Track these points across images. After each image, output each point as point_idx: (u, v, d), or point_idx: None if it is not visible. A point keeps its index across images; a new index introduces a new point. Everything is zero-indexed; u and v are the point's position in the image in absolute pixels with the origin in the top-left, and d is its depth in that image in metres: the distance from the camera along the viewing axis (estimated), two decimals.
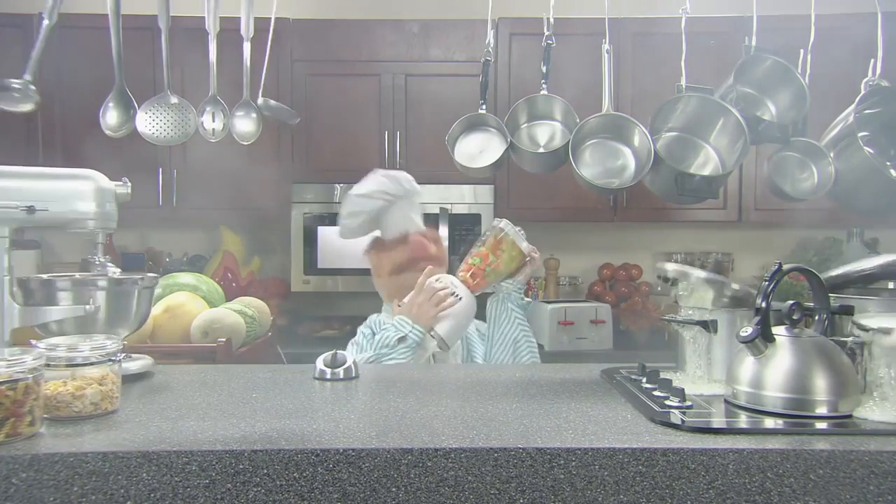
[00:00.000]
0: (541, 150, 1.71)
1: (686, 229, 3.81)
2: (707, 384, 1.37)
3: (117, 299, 1.51)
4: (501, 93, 3.42)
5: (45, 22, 1.56)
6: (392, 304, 2.05)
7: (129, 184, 1.55)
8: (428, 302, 1.85)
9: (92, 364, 1.20)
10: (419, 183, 2.02)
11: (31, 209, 1.41)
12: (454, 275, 1.94)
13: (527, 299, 2.10)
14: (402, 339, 1.80)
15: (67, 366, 1.19)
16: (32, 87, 1.59)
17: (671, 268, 1.49)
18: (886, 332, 1.17)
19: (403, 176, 2.05)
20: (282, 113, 1.85)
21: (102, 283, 1.48)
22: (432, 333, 1.83)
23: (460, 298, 1.87)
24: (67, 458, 1.01)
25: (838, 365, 1.19)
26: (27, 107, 1.59)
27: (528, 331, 2.04)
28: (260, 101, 1.78)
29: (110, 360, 1.23)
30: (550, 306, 3.29)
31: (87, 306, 1.43)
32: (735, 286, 1.40)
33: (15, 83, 1.57)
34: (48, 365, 1.17)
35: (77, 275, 1.57)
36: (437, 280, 1.89)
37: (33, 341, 1.24)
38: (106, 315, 1.48)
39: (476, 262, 1.93)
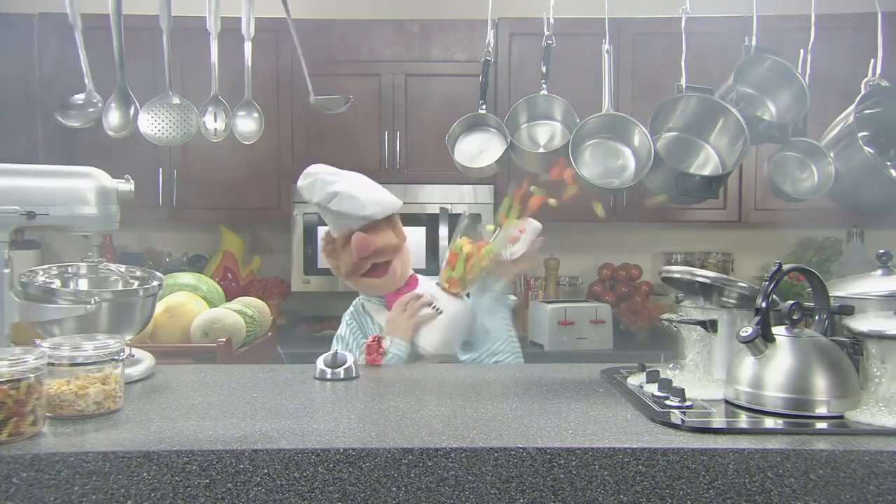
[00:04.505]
0: (541, 150, 1.71)
1: (686, 229, 3.80)
2: (707, 384, 1.37)
3: (121, 305, 1.51)
4: (501, 93, 3.42)
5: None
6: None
7: (132, 181, 1.55)
8: (401, 315, 1.85)
9: (95, 363, 1.20)
10: (419, 183, 2.02)
11: (31, 214, 1.40)
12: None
13: (512, 297, 2.02)
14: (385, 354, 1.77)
15: (70, 365, 1.19)
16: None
17: (676, 269, 1.49)
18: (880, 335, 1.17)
19: (325, 172, 1.95)
20: (331, 103, 1.82)
21: (107, 295, 1.48)
22: (419, 347, 1.84)
23: (440, 311, 1.85)
24: (68, 457, 1.01)
25: (838, 365, 1.19)
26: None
27: (511, 329, 1.97)
28: (312, 99, 1.77)
29: (113, 359, 1.23)
30: (550, 306, 3.29)
31: (88, 305, 1.43)
32: (742, 284, 1.40)
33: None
34: (52, 364, 1.17)
35: (83, 264, 1.56)
36: (415, 296, 1.87)
37: (37, 340, 1.24)
38: (108, 323, 1.47)
39: (449, 272, 1.88)
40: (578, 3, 2.21)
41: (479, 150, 1.71)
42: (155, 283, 1.60)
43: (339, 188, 1.89)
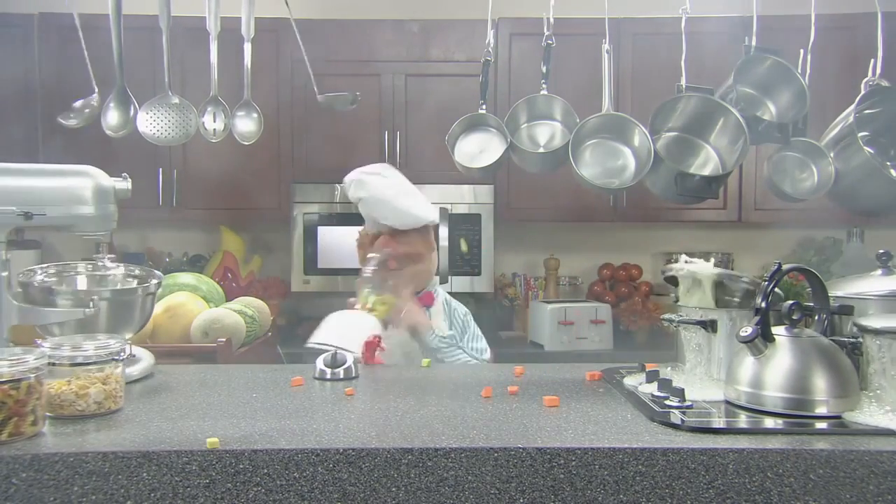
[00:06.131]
0: (541, 150, 1.71)
1: (686, 229, 3.80)
2: (707, 384, 1.37)
3: (120, 304, 1.51)
4: (501, 93, 3.42)
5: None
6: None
7: (129, 179, 1.55)
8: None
9: (95, 363, 1.20)
10: (419, 183, 2.02)
11: (28, 215, 1.40)
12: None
13: (439, 335, 2.00)
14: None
15: (71, 365, 1.19)
16: None
17: (678, 266, 1.49)
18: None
19: (384, 172, 2.07)
20: (340, 101, 1.84)
21: (106, 294, 1.48)
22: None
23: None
24: (68, 457, 1.01)
25: (838, 365, 1.19)
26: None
27: (457, 355, 2.01)
28: (319, 97, 1.78)
29: (113, 359, 1.23)
30: (550, 306, 3.29)
31: (87, 309, 1.42)
32: (746, 279, 1.40)
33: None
34: (52, 364, 1.17)
35: (82, 264, 1.56)
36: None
37: (37, 340, 1.24)
38: (108, 322, 1.47)
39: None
40: (578, 3, 2.21)
41: (479, 150, 1.71)
42: (154, 281, 1.60)
43: (367, 193, 2.00)
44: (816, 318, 1.29)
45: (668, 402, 1.24)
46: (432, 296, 2.12)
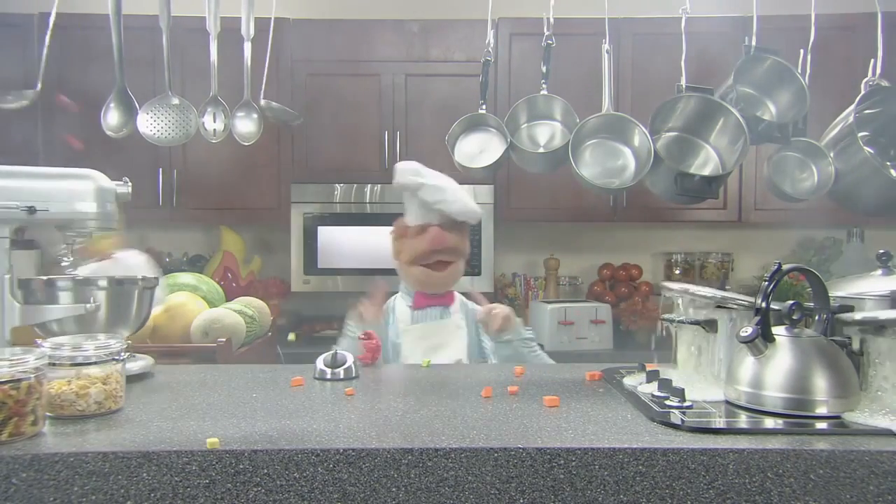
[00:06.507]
0: (541, 150, 1.71)
1: (686, 229, 3.80)
2: (707, 384, 1.37)
3: (118, 300, 1.51)
4: (501, 93, 3.42)
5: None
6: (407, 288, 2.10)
7: (130, 183, 1.56)
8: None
9: (95, 363, 1.20)
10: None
11: (31, 209, 1.41)
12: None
13: (525, 335, 2.05)
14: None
15: (71, 365, 1.19)
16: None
17: (675, 287, 1.49)
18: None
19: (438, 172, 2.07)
20: (284, 114, 1.85)
21: (103, 283, 1.49)
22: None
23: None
24: (68, 458, 1.01)
25: (838, 365, 1.19)
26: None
27: (538, 354, 2.06)
28: (262, 102, 1.78)
29: (114, 359, 1.23)
30: (550, 306, 3.29)
31: (88, 305, 1.43)
32: (742, 301, 1.38)
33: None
34: (53, 364, 1.17)
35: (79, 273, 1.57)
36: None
37: (38, 340, 1.24)
38: (107, 316, 1.48)
39: None
40: (578, 3, 2.21)
41: (479, 150, 1.71)
42: (153, 276, 1.61)
43: (426, 181, 2.00)
44: (816, 318, 1.29)
45: (668, 402, 1.24)
46: (454, 295, 2.12)
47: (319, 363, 1.52)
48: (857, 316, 1.24)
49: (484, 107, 1.72)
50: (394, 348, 2.01)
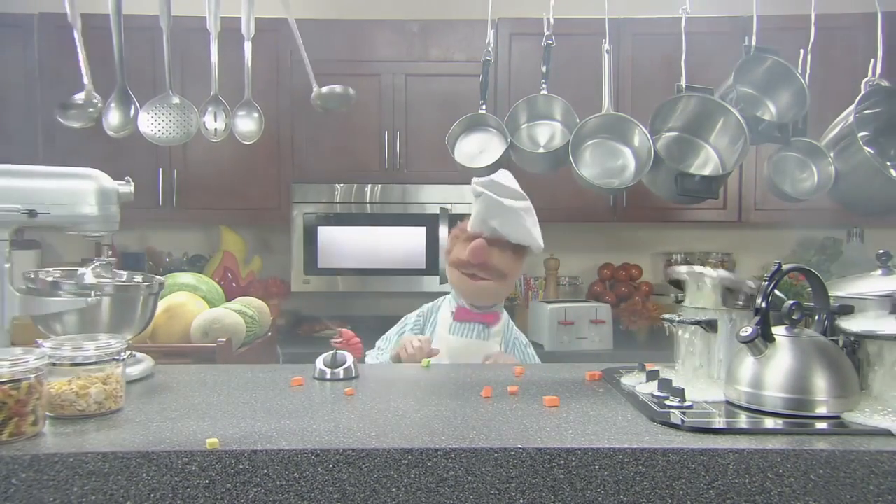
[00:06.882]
0: (541, 150, 1.71)
1: (686, 229, 3.80)
2: (707, 385, 1.37)
3: (123, 304, 1.51)
4: (501, 93, 3.42)
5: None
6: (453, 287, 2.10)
7: (132, 183, 1.55)
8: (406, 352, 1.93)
9: (96, 363, 1.20)
10: (419, 183, 2.03)
11: (32, 213, 1.41)
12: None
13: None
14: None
15: (72, 365, 1.19)
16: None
17: (684, 269, 1.48)
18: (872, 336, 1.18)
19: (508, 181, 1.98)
20: (337, 99, 1.81)
21: (109, 289, 1.48)
22: None
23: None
24: (67, 458, 1.01)
25: (838, 365, 1.19)
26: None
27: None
28: (314, 90, 1.77)
29: (114, 359, 1.23)
30: (550, 306, 3.29)
31: (89, 298, 1.43)
32: (751, 284, 1.39)
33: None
34: (53, 364, 1.17)
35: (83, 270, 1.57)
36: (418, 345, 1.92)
37: (38, 340, 1.24)
38: (110, 319, 1.48)
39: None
40: (578, 3, 2.21)
41: (479, 150, 1.71)
42: (157, 280, 1.60)
43: (487, 191, 1.92)
44: (816, 318, 1.29)
45: (668, 403, 1.24)
46: (498, 315, 2.07)
47: (319, 363, 1.52)
48: (855, 328, 1.23)
49: (484, 107, 1.72)
50: None
